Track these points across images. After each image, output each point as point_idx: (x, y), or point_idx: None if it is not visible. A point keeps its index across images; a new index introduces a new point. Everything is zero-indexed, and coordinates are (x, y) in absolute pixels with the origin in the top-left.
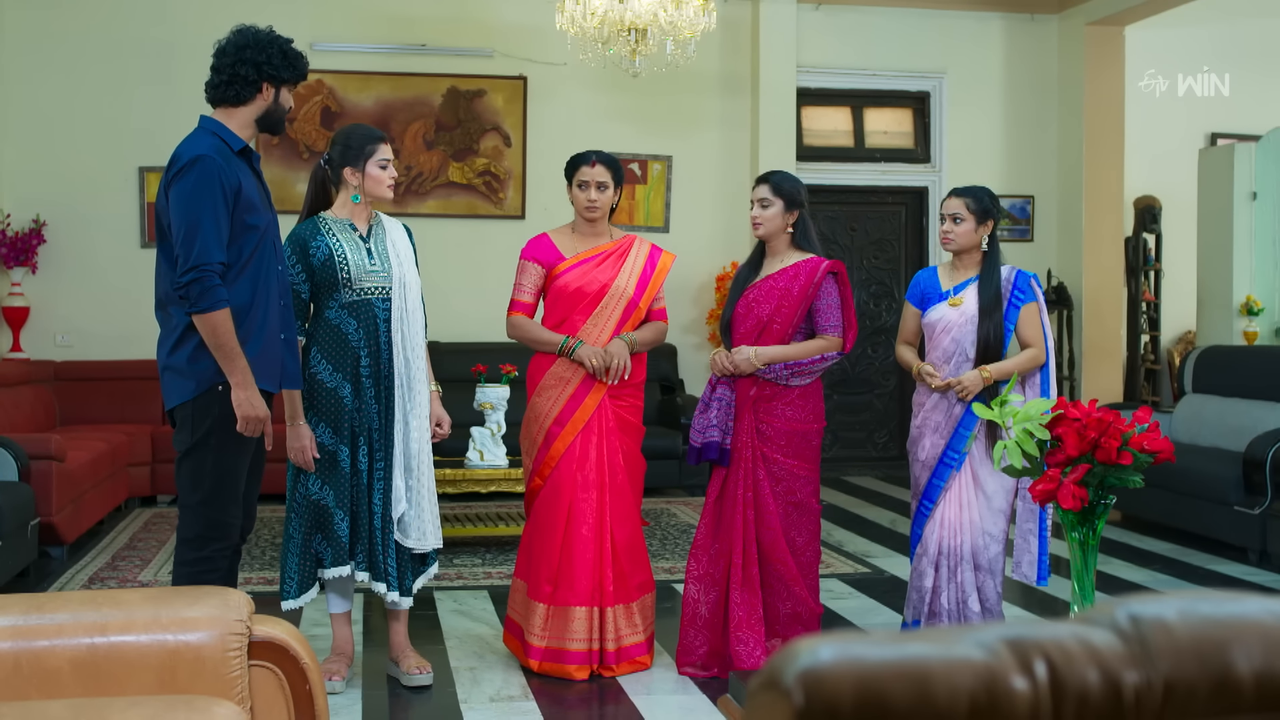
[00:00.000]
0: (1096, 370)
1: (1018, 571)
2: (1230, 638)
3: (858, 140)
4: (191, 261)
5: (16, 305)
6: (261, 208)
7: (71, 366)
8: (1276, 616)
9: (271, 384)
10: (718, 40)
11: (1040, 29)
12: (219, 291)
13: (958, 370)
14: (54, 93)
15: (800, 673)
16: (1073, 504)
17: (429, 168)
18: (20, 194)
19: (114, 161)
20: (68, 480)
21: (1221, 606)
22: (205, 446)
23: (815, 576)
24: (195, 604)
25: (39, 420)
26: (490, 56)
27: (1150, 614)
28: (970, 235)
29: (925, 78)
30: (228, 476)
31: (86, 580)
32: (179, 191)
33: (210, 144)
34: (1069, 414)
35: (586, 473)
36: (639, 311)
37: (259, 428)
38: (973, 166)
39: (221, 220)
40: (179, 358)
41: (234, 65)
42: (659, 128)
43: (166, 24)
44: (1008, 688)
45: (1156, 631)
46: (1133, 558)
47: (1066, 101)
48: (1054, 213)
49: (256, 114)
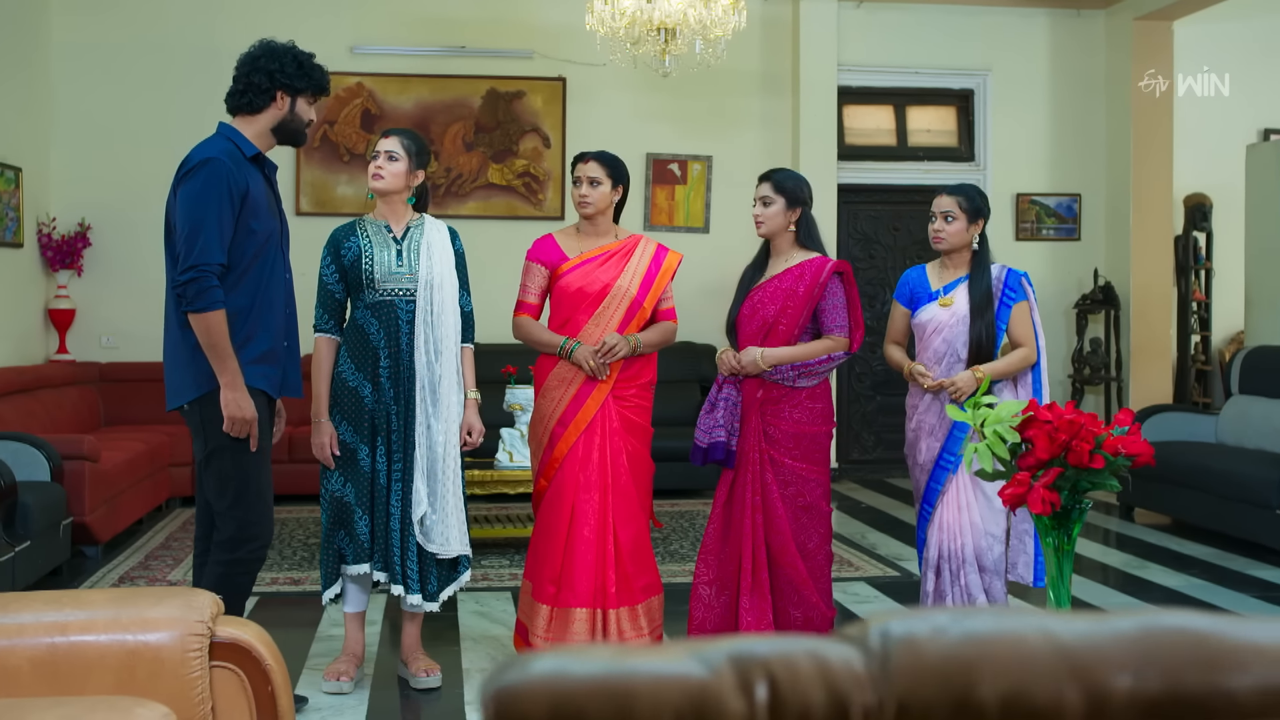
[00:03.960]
0: (1145, 371)
1: (1014, 573)
2: (980, 658)
3: (900, 139)
4: (191, 260)
5: (62, 307)
6: (268, 214)
7: (116, 368)
8: (1042, 634)
9: (273, 388)
10: (758, 39)
11: (1086, 24)
12: (215, 292)
13: (949, 371)
14: (100, 99)
15: (497, 689)
16: (1043, 509)
17: (468, 169)
18: (67, 198)
19: (158, 166)
20: (101, 480)
21: (984, 623)
22: (224, 448)
23: (827, 580)
24: (158, 605)
25: (82, 420)
26: (530, 58)
27: (901, 631)
28: (962, 234)
29: (969, 75)
30: (250, 477)
31: (116, 579)
32: (186, 192)
33: (222, 148)
34: (1040, 416)
35: (589, 474)
36: (644, 312)
37: (246, 429)
38: (1018, 164)
39: (225, 222)
40: (184, 357)
41: (249, 74)
42: (699, 128)
43: (210, 30)
44: (719, 708)
45: (902, 650)
46: (1171, 562)
47: (1114, 98)
48: (1101, 211)
49: (272, 123)
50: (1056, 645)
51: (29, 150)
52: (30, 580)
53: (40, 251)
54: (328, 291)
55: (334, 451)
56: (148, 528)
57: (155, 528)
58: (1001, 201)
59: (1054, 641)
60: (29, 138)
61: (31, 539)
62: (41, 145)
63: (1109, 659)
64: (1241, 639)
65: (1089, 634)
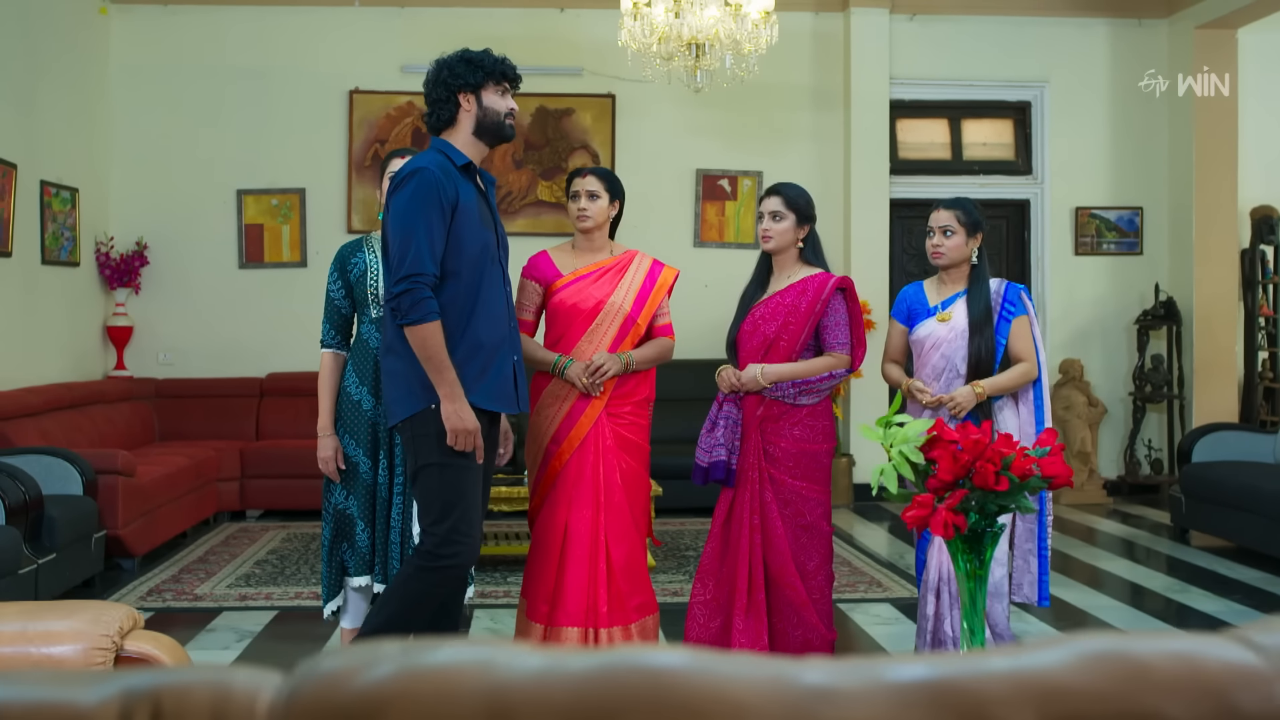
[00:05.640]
0: (1209, 389)
1: (1019, 594)
2: (399, 696)
3: (955, 152)
4: (403, 271)
5: (120, 325)
6: (480, 225)
7: (172, 384)
8: (482, 670)
9: (500, 404)
10: (808, 53)
11: (1148, 33)
12: (430, 304)
13: (949, 387)
14: (156, 121)
15: None
16: (944, 532)
17: (518, 187)
18: (124, 218)
19: (213, 185)
20: (137, 494)
21: (422, 659)
22: (430, 465)
23: (828, 602)
24: (67, 618)
25: (134, 435)
26: (579, 75)
27: (327, 668)
28: (961, 248)
29: (1026, 87)
30: (458, 496)
31: (145, 592)
32: (396, 203)
33: (433, 159)
34: (944, 436)
35: (582, 491)
36: (638, 328)
37: (470, 441)
38: (1077, 177)
39: (435, 232)
40: (400, 373)
41: (430, 92)
42: (749, 143)
43: (262, 52)
44: None
45: (313, 687)
46: (1214, 586)
47: (1176, 108)
48: (1164, 224)
49: (471, 128)
50: (491, 685)
51: (87, 171)
52: (56, 591)
53: (99, 270)
54: (334, 307)
55: (339, 465)
56: (191, 541)
57: (198, 541)
58: (1061, 215)
59: (490, 681)
60: (87, 159)
61: (57, 551)
62: (101, 166)
63: (547, 702)
64: (707, 687)
65: (539, 672)
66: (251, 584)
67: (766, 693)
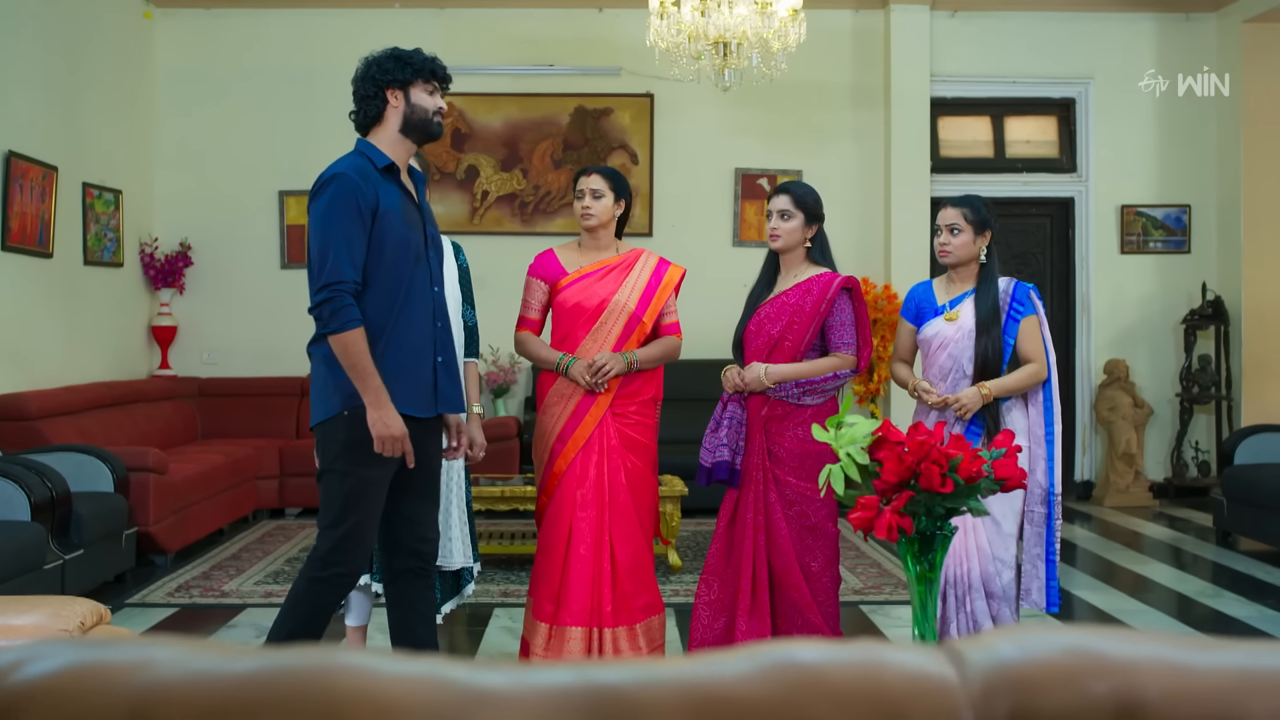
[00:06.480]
0: (1259, 389)
1: (1028, 599)
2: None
3: (998, 150)
4: (324, 280)
5: (165, 325)
6: (404, 226)
7: (214, 383)
8: (138, 667)
9: (415, 407)
10: (848, 51)
11: (1195, 28)
12: (350, 311)
13: (955, 388)
14: (200, 123)
15: None
16: (888, 535)
17: (556, 187)
18: (169, 219)
19: (256, 186)
20: (168, 492)
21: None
22: (333, 471)
23: (833, 604)
24: (26, 613)
25: (177, 433)
26: (617, 75)
27: (36, 671)
28: (969, 247)
29: (1070, 84)
30: (356, 502)
31: (174, 588)
32: (315, 210)
33: (352, 163)
34: (890, 437)
35: (586, 491)
36: (643, 326)
37: (398, 446)
38: (1122, 175)
39: (355, 238)
40: (320, 377)
41: (358, 89)
42: (788, 142)
43: (306, 53)
44: None
45: None
46: (1249, 591)
47: (1224, 104)
48: (1212, 223)
49: (398, 125)
50: (141, 685)
51: (131, 173)
52: (84, 588)
53: (143, 270)
54: None
55: None
56: (227, 538)
57: (234, 539)
58: (1106, 213)
59: (141, 680)
60: (131, 161)
61: (85, 548)
62: (145, 168)
63: (189, 703)
64: (357, 687)
65: (194, 672)
66: (280, 581)
67: (418, 693)
